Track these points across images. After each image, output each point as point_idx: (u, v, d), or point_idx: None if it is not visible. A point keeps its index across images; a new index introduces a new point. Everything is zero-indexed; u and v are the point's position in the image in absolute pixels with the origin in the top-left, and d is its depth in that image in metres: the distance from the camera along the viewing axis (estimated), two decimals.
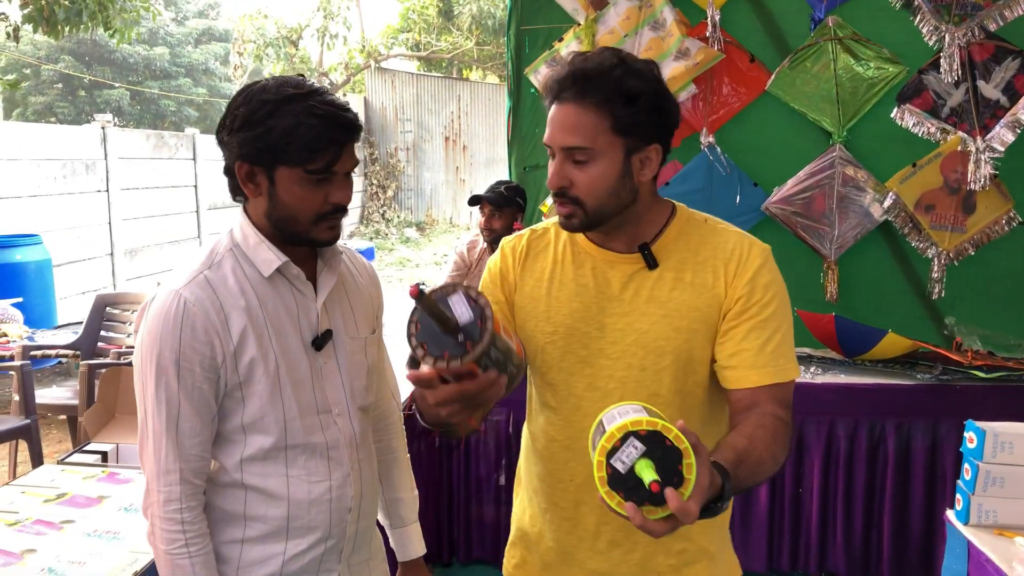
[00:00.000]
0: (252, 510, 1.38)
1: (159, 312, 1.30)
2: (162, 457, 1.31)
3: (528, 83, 3.77)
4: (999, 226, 3.59)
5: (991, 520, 2.20)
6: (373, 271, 1.60)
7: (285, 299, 1.37)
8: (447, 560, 3.33)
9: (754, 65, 3.63)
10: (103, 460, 2.59)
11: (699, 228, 1.40)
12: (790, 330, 1.37)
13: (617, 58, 1.29)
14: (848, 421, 3.15)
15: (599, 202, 1.32)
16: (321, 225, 1.33)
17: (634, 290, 1.37)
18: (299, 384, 1.37)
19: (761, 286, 1.34)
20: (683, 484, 0.97)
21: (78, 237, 7.68)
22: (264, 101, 1.26)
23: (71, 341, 4.40)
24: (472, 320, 1.04)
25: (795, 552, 3.25)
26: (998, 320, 3.58)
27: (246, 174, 1.31)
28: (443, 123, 16.50)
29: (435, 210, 16.77)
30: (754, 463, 1.18)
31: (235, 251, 1.36)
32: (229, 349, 1.31)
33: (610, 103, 1.26)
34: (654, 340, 1.35)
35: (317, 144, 1.26)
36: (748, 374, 1.32)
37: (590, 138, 1.28)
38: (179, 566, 1.32)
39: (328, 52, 16.57)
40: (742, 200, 3.66)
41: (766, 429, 1.25)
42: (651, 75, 1.30)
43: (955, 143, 3.52)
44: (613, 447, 0.98)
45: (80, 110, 17.89)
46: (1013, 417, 2.37)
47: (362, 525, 1.49)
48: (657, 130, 1.31)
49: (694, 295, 1.35)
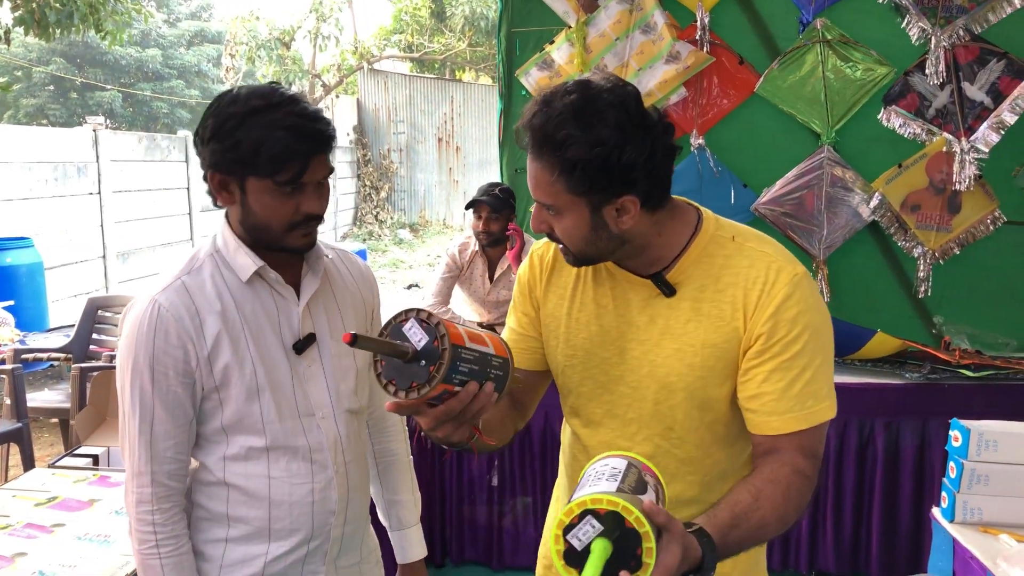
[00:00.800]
0: (234, 510, 1.40)
1: (135, 318, 1.33)
2: (136, 459, 1.33)
3: (519, 85, 3.78)
4: (984, 226, 3.62)
5: (976, 517, 2.22)
6: (369, 273, 1.59)
7: (265, 303, 1.38)
8: (439, 561, 3.34)
9: (743, 67, 3.65)
10: (94, 463, 2.60)
11: (723, 248, 1.27)
12: (825, 366, 1.24)
13: (571, 112, 1.14)
14: (838, 420, 3.17)
15: (580, 248, 1.24)
16: (294, 233, 1.34)
17: (650, 317, 1.29)
18: (278, 388, 1.38)
19: (786, 321, 1.21)
20: (641, 568, 0.92)
21: (70, 240, 7.66)
22: (232, 114, 1.27)
23: (63, 344, 4.39)
24: (429, 342, 1.02)
25: (786, 551, 3.27)
26: (985, 318, 3.61)
27: (219, 183, 1.33)
28: (436, 124, 16.50)
29: (428, 211, 16.77)
30: (754, 526, 1.10)
31: (216, 256, 1.38)
32: (203, 354, 1.33)
33: (568, 168, 1.15)
34: (666, 375, 1.27)
35: (284, 156, 1.26)
36: (769, 420, 1.22)
37: (550, 196, 1.19)
38: (150, 566, 1.34)
39: (320, 54, 16.56)
40: (733, 201, 3.68)
41: (779, 485, 1.15)
42: (605, 133, 1.13)
43: (940, 144, 3.55)
44: (571, 523, 0.94)
45: (72, 112, 17.84)
46: (1000, 415, 2.39)
47: (349, 528, 1.49)
48: (621, 185, 1.17)
49: (711, 330, 1.24)
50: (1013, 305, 3.69)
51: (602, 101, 1.15)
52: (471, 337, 1.09)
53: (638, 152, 1.15)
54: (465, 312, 3.60)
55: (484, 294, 3.51)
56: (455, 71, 18.57)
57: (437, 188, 16.69)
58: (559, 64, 3.69)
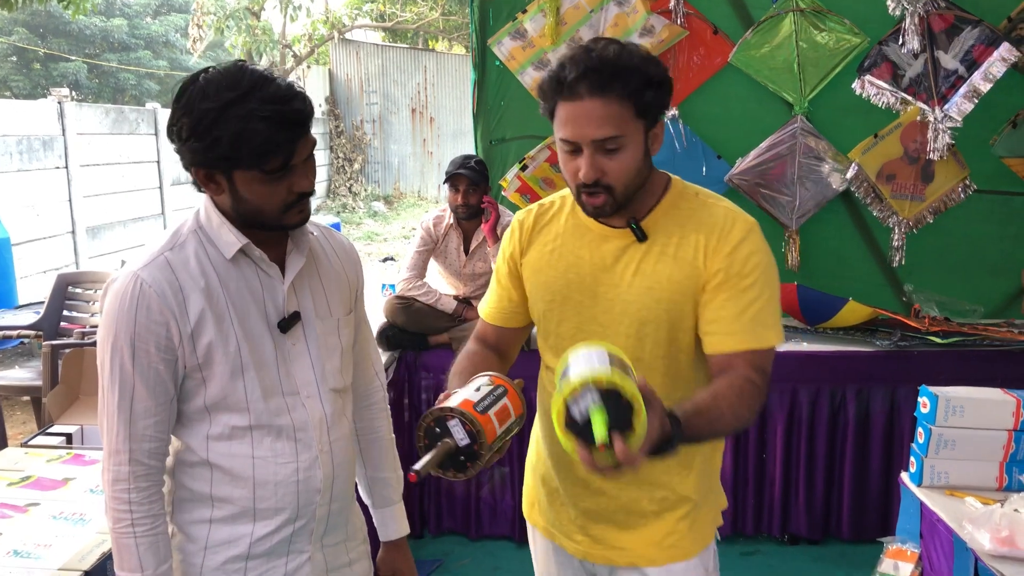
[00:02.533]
0: (218, 491, 1.38)
1: (116, 293, 1.30)
2: (114, 436, 1.32)
3: (493, 56, 3.75)
4: (955, 194, 3.67)
5: (943, 481, 2.27)
6: (352, 250, 1.58)
7: (250, 281, 1.36)
8: (418, 532, 3.37)
9: (717, 37, 3.65)
10: (68, 442, 2.57)
11: (689, 202, 1.48)
12: (773, 300, 1.43)
13: (620, 47, 1.36)
14: (810, 388, 3.22)
15: (628, 185, 1.40)
16: (290, 213, 1.33)
17: (625, 263, 1.46)
18: (263, 366, 1.36)
19: (740, 259, 1.40)
20: (633, 434, 1.07)
21: (37, 215, 7.52)
22: (206, 111, 1.23)
23: (33, 322, 4.33)
24: (469, 444, 1.17)
25: (759, 515, 3.33)
26: (954, 286, 3.66)
27: (204, 176, 1.30)
28: (409, 95, 16.32)
29: (403, 183, 16.64)
30: (712, 417, 1.28)
31: (199, 233, 1.35)
32: (186, 331, 1.31)
33: (638, 91, 1.33)
34: (638, 311, 1.44)
35: (268, 148, 1.24)
36: (724, 339, 1.40)
37: (619, 127, 1.34)
38: (124, 545, 1.32)
39: (291, 24, 16.26)
40: (706, 172, 3.69)
41: (733, 388, 1.34)
42: (651, 63, 1.37)
43: (914, 113, 3.58)
44: (573, 395, 1.08)
45: (35, 84, 17.43)
46: (968, 381, 2.44)
47: (335, 507, 1.48)
48: (662, 107, 1.39)
49: (676, 268, 1.43)
50: (981, 273, 3.75)
51: (631, 46, 1.37)
52: (500, 419, 1.22)
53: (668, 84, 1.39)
54: (441, 285, 3.59)
55: (460, 267, 3.50)
56: (428, 41, 18.35)
57: (411, 160, 16.55)
58: (532, 35, 3.67)
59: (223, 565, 1.40)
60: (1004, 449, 2.24)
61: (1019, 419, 2.22)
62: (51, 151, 7.80)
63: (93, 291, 4.49)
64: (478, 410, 1.18)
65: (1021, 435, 2.23)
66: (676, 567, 1.54)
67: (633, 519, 1.54)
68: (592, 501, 1.56)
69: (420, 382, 3.34)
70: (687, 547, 1.54)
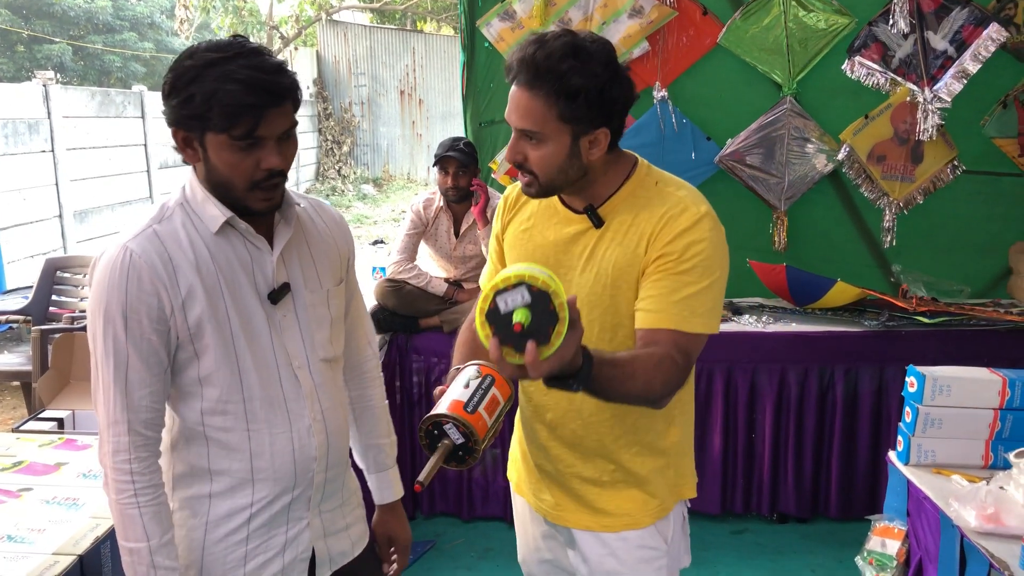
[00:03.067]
0: (216, 464, 1.40)
1: (106, 264, 1.31)
2: (111, 407, 1.32)
3: (482, 37, 3.73)
4: (944, 174, 3.69)
5: (930, 460, 2.30)
6: (342, 221, 1.59)
7: (239, 253, 1.37)
8: (411, 514, 3.39)
9: (706, 18, 3.64)
10: (59, 427, 2.57)
11: (647, 191, 1.49)
12: (711, 289, 1.42)
13: (569, 48, 1.35)
14: (799, 368, 3.24)
15: (550, 177, 1.44)
16: (256, 194, 1.32)
17: (581, 247, 1.51)
18: (254, 338, 1.38)
19: (680, 246, 1.41)
20: (547, 344, 1.09)
21: (24, 199, 7.46)
22: (188, 67, 1.25)
23: (22, 307, 4.31)
24: (464, 443, 1.23)
25: (748, 495, 3.36)
26: (941, 266, 3.69)
27: (182, 140, 1.32)
28: (398, 76, 16.20)
29: (392, 165, 16.56)
30: (624, 374, 1.30)
31: (185, 206, 1.36)
32: (177, 302, 1.32)
33: (562, 96, 1.35)
34: (587, 295, 1.48)
35: (235, 111, 1.24)
36: (648, 315, 1.42)
37: (538, 123, 1.39)
38: (129, 516, 1.33)
39: (278, 5, 16.11)
40: (696, 154, 3.69)
41: (653, 358, 1.35)
42: (599, 69, 1.36)
43: (904, 94, 3.59)
44: (505, 287, 1.10)
45: (19, 67, 17.22)
46: (954, 361, 2.47)
47: (331, 474, 1.51)
48: (603, 118, 1.40)
49: (621, 254, 1.46)
50: (968, 253, 3.78)
51: (591, 45, 1.37)
52: (490, 411, 1.26)
53: (620, 90, 1.40)
54: (432, 268, 3.59)
55: (450, 250, 3.50)
56: (416, 22, 18.21)
57: (400, 142, 16.46)
58: (521, 16, 3.65)
59: (225, 538, 1.42)
60: (990, 427, 2.27)
61: (1005, 398, 2.25)
62: (37, 134, 7.72)
63: (82, 276, 4.47)
64: (468, 411, 1.23)
65: (1007, 414, 2.26)
66: (631, 534, 1.58)
67: (586, 487, 1.60)
68: (550, 466, 1.62)
69: (411, 365, 3.35)
70: (640, 517, 1.58)
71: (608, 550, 1.59)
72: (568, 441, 1.58)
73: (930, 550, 2.15)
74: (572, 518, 1.62)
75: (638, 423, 1.55)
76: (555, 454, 1.61)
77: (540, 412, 1.60)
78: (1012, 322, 3.25)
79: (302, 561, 1.49)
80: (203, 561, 1.43)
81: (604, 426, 1.55)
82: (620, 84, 1.39)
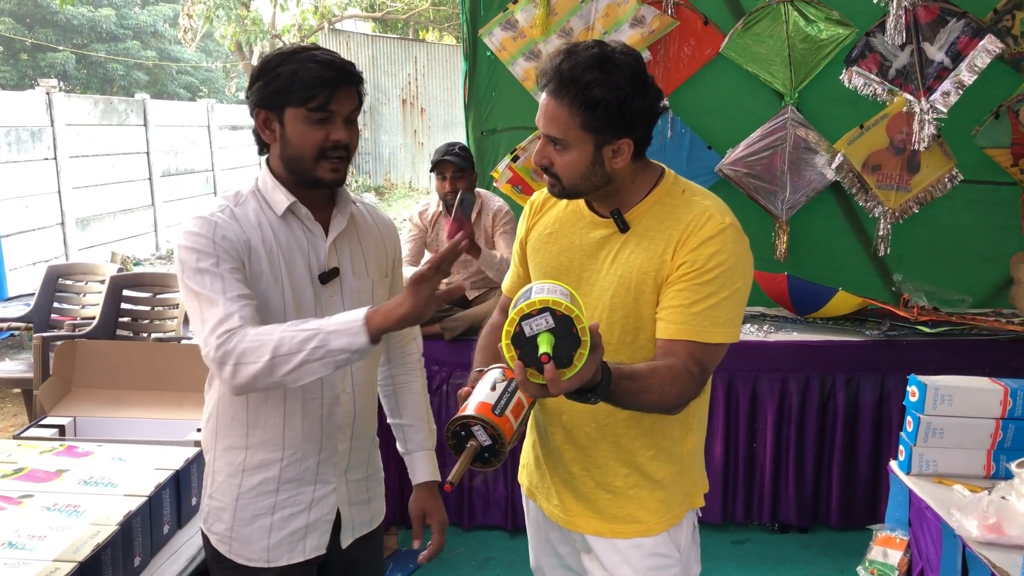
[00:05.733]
0: (254, 419, 1.58)
1: (196, 222, 1.48)
2: (220, 308, 1.42)
3: (484, 46, 3.74)
4: (941, 184, 3.70)
5: (931, 469, 2.30)
6: (392, 224, 1.78)
7: (297, 236, 1.57)
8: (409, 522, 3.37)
9: (708, 28, 3.65)
10: (61, 434, 2.57)
11: (674, 199, 1.52)
12: (732, 300, 1.45)
13: (596, 60, 1.40)
14: (800, 377, 3.24)
15: (573, 182, 1.49)
16: (323, 164, 1.51)
17: (607, 251, 1.55)
18: (303, 310, 1.55)
19: (703, 256, 1.44)
20: (569, 367, 1.16)
21: (26, 207, 7.48)
22: (276, 54, 1.51)
23: (23, 314, 4.32)
24: (491, 445, 1.29)
25: (749, 504, 3.35)
26: (942, 275, 3.69)
27: (263, 121, 1.52)
28: (400, 86, 16.24)
29: (394, 174, 16.59)
30: (641, 387, 1.34)
31: (257, 194, 1.58)
32: (248, 269, 1.50)
33: (585, 107, 1.40)
34: (610, 298, 1.52)
35: (314, 84, 1.46)
36: (668, 327, 1.45)
37: (563, 131, 1.44)
38: (276, 343, 1.38)
39: (281, 14, 16.17)
40: (697, 163, 3.70)
41: (671, 370, 1.39)
42: (622, 82, 1.40)
43: (900, 104, 3.60)
44: (530, 312, 1.16)
45: (23, 75, 17.28)
46: (956, 370, 2.46)
47: (355, 444, 1.67)
48: (626, 128, 1.44)
49: (647, 258, 1.49)
50: (969, 262, 3.78)
51: (619, 57, 1.42)
52: (516, 414, 1.32)
53: (644, 102, 1.43)
54: None
55: None
56: (418, 31, 18.27)
57: (402, 150, 16.49)
58: (522, 26, 3.66)
59: (258, 485, 1.59)
60: (992, 437, 2.27)
61: (1007, 408, 2.25)
62: (40, 142, 7.75)
63: (83, 283, 4.48)
64: (496, 413, 1.29)
65: (1008, 423, 2.26)
66: (645, 541, 1.60)
67: (599, 493, 1.61)
68: (564, 471, 1.64)
69: None
70: (654, 524, 1.60)
71: (622, 556, 1.61)
72: (583, 444, 1.60)
73: (932, 560, 2.15)
74: (585, 524, 1.64)
75: (654, 427, 1.57)
76: (569, 457, 1.63)
77: (555, 414, 1.63)
78: (1014, 332, 3.25)
79: (326, 522, 1.64)
80: (236, 504, 1.60)
81: (620, 427, 1.57)
82: (644, 96, 1.43)
